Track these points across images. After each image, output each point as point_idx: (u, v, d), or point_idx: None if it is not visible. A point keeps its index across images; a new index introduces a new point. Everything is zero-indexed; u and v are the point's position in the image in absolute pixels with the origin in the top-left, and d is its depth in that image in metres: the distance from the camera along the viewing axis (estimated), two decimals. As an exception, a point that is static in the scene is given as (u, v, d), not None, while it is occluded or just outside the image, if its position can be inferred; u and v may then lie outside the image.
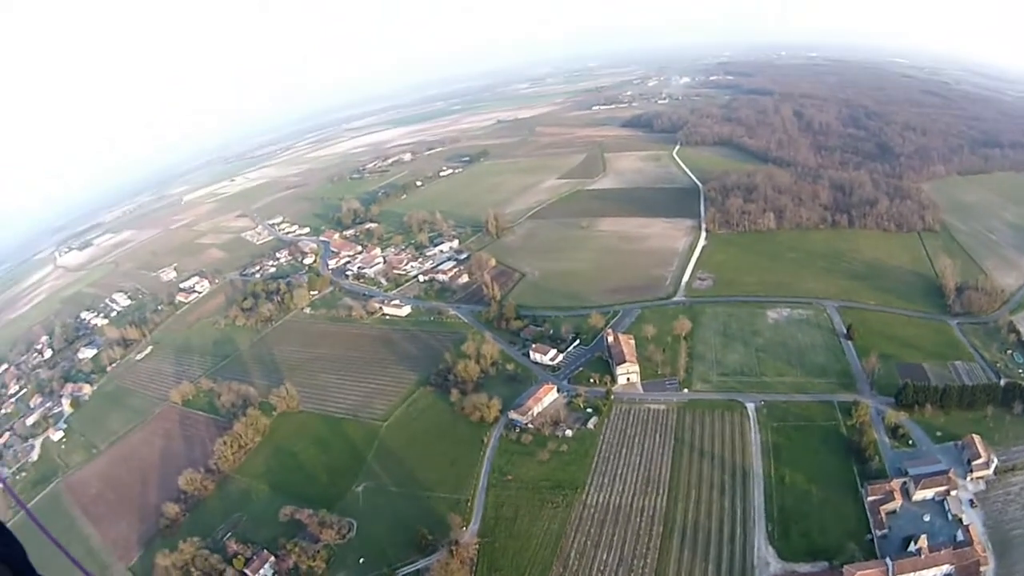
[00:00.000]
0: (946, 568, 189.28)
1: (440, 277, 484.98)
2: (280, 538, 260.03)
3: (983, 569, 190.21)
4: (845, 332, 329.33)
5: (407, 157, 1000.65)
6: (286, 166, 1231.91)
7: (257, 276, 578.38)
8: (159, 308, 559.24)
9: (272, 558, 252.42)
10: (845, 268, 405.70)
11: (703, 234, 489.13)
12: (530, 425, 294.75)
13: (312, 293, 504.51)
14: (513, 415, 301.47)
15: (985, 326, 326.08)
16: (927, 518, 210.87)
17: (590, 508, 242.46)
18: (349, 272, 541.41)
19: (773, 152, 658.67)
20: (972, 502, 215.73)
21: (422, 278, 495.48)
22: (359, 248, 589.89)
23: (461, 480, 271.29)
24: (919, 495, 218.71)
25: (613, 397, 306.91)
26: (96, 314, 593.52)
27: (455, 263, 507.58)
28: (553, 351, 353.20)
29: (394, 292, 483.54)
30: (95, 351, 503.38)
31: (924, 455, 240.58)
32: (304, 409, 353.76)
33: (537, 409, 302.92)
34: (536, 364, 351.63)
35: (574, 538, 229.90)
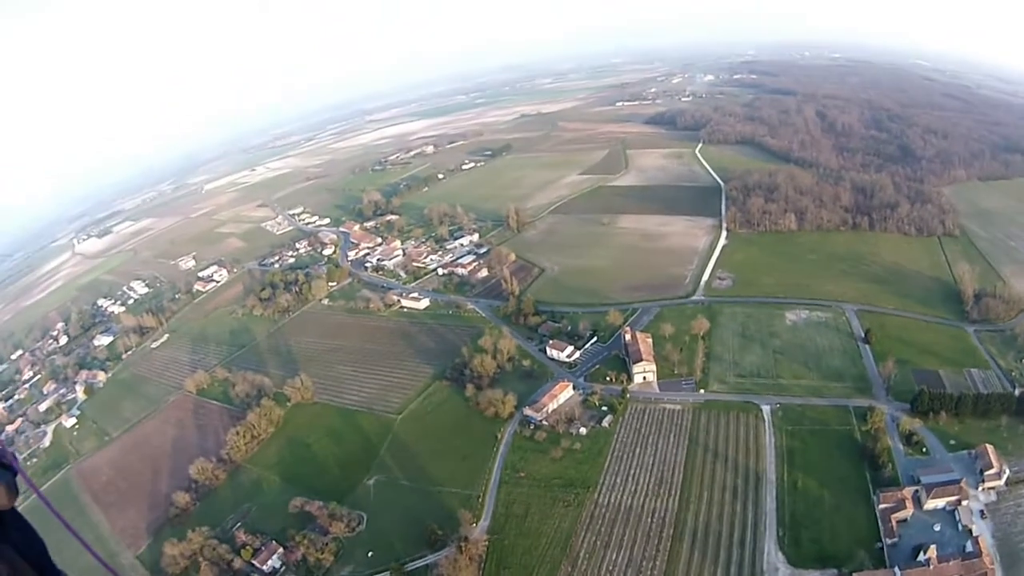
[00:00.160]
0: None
1: (459, 271, 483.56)
2: (289, 529, 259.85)
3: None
4: (863, 336, 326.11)
5: (429, 150, 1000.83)
6: (308, 156, 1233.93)
7: (276, 266, 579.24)
8: (176, 296, 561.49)
9: (280, 549, 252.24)
10: (865, 271, 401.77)
11: (724, 233, 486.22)
12: (544, 422, 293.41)
13: (330, 284, 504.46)
14: (528, 411, 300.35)
15: (1002, 334, 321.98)
16: (937, 528, 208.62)
17: (601, 508, 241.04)
18: (368, 264, 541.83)
19: (795, 152, 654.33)
20: (983, 513, 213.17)
21: (441, 271, 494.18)
22: (379, 240, 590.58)
23: (473, 476, 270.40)
24: (930, 504, 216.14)
25: (629, 396, 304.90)
26: (113, 302, 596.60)
27: (475, 257, 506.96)
28: (570, 348, 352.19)
29: (413, 285, 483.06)
30: (111, 338, 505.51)
31: (937, 463, 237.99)
32: (319, 400, 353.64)
33: (552, 406, 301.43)
34: (553, 360, 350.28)
35: (584, 537, 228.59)
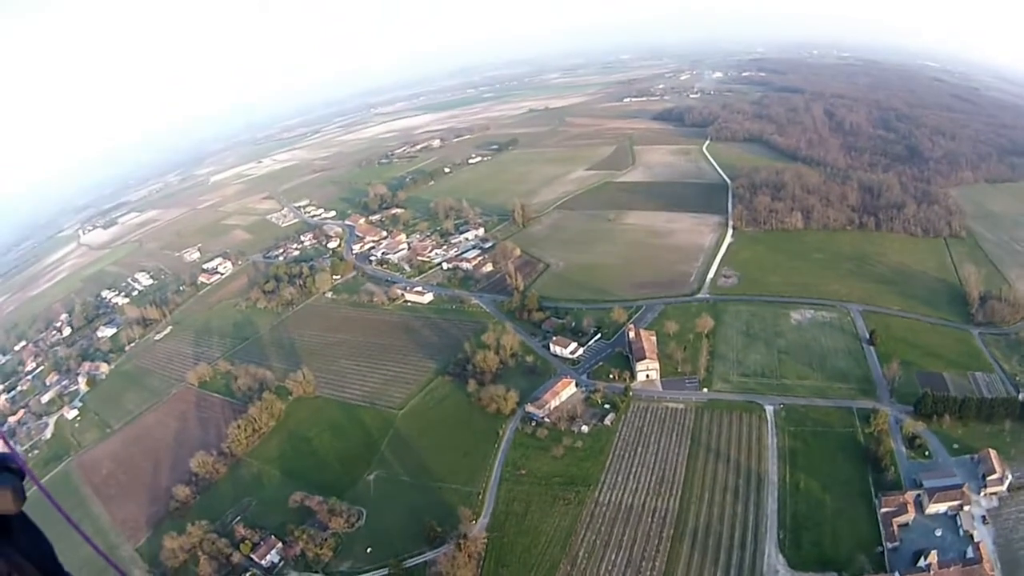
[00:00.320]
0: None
1: (464, 265, 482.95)
2: (289, 524, 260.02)
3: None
4: (868, 337, 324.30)
5: (436, 143, 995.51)
6: (315, 149, 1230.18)
7: (280, 259, 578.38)
8: (181, 288, 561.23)
9: (279, 544, 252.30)
10: (870, 271, 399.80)
11: (730, 231, 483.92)
12: (546, 419, 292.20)
13: (335, 278, 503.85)
14: (530, 408, 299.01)
15: (1007, 337, 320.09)
16: (939, 533, 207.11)
17: (602, 507, 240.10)
18: (373, 257, 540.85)
19: (803, 151, 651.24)
20: (984, 518, 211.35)
21: (446, 265, 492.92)
22: (384, 233, 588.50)
23: (474, 472, 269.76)
24: (932, 508, 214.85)
25: (632, 394, 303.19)
26: (117, 293, 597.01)
27: (480, 251, 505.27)
28: (574, 344, 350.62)
29: (417, 279, 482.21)
30: (114, 330, 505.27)
31: (940, 467, 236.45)
32: (320, 395, 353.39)
33: (554, 403, 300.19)
34: (556, 357, 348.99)
35: (584, 536, 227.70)
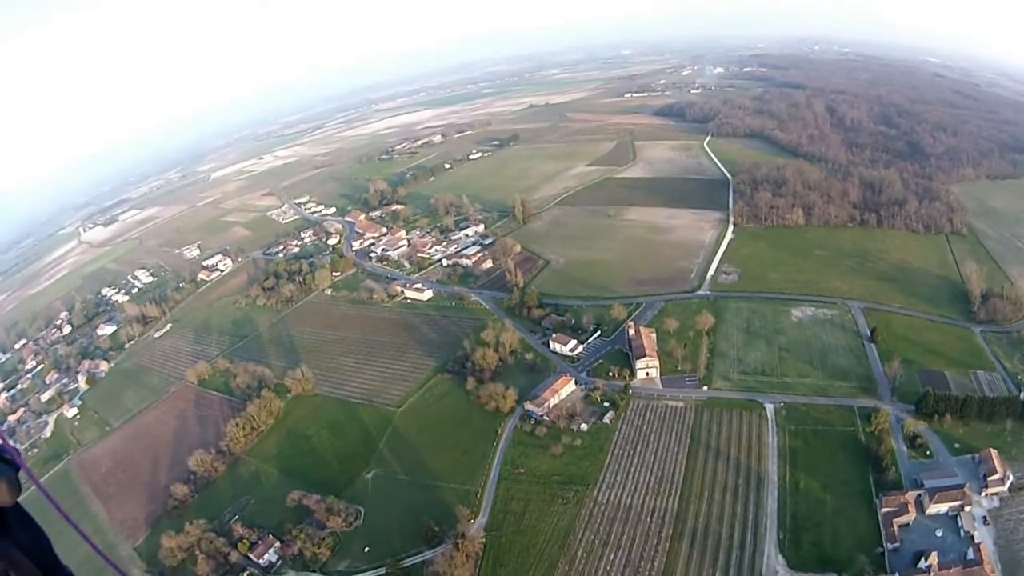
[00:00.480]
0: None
1: (464, 262, 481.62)
2: (287, 523, 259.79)
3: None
4: (869, 335, 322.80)
5: (437, 139, 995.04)
6: (316, 145, 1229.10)
7: (280, 256, 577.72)
8: (180, 286, 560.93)
9: (277, 543, 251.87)
10: (872, 268, 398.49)
11: (730, 227, 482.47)
12: (545, 417, 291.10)
13: (334, 274, 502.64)
14: (529, 406, 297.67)
15: (1008, 335, 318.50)
16: (939, 533, 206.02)
17: (601, 506, 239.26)
18: (373, 254, 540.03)
19: (804, 147, 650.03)
20: (985, 519, 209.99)
21: (446, 262, 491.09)
22: (384, 230, 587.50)
23: (472, 471, 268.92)
24: (933, 509, 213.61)
25: (631, 392, 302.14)
26: (117, 291, 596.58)
27: (480, 248, 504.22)
28: (573, 342, 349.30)
29: (417, 275, 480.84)
30: (114, 328, 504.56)
31: (941, 467, 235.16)
32: (319, 392, 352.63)
33: (553, 401, 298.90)
34: (555, 354, 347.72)
35: (582, 536, 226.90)
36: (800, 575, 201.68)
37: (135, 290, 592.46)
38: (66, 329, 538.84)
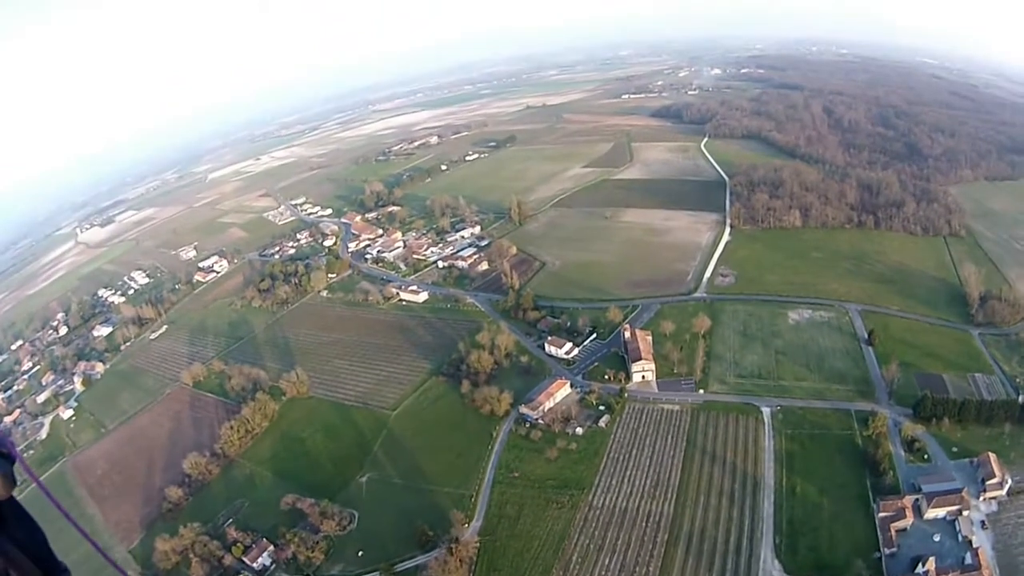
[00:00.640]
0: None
1: (459, 263, 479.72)
2: (280, 527, 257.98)
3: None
4: (866, 337, 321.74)
5: (434, 140, 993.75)
6: (313, 146, 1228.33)
7: (276, 257, 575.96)
8: (176, 287, 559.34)
9: (271, 547, 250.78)
10: (869, 270, 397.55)
11: (727, 229, 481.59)
12: (540, 421, 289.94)
13: (330, 276, 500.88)
14: (524, 410, 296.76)
15: (1007, 338, 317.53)
16: (937, 538, 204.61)
17: (596, 510, 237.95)
18: (368, 256, 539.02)
19: (801, 148, 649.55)
20: (983, 523, 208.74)
21: (441, 264, 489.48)
22: (380, 231, 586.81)
23: (467, 475, 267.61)
24: (931, 513, 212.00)
25: (627, 395, 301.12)
26: (114, 292, 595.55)
27: (475, 250, 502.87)
28: (569, 344, 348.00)
29: (412, 277, 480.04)
30: (110, 329, 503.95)
31: (939, 471, 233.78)
32: (314, 395, 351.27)
33: (549, 404, 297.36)
34: (551, 357, 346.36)
35: (577, 540, 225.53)
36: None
37: (131, 291, 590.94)
38: (62, 330, 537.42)
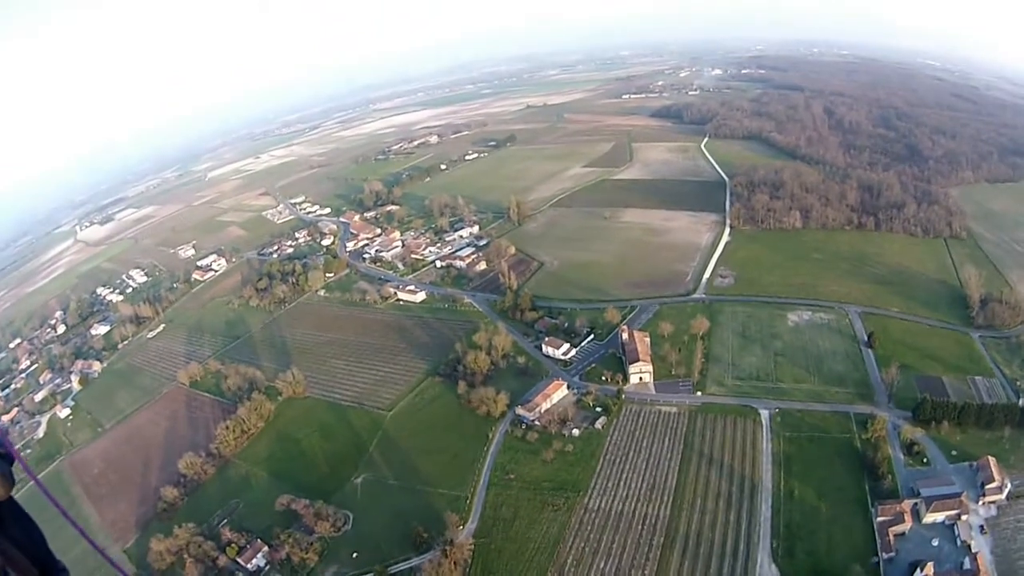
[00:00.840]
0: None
1: (458, 263, 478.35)
2: (275, 528, 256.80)
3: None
4: (866, 339, 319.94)
5: (434, 139, 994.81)
6: (312, 145, 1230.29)
7: (274, 256, 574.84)
8: (175, 286, 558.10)
9: (265, 548, 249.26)
10: (869, 272, 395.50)
11: (727, 230, 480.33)
12: (537, 422, 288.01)
13: (328, 275, 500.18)
14: (520, 411, 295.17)
15: (1008, 341, 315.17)
16: (936, 543, 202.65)
17: (591, 513, 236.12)
18: (367, 255, 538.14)
19: (802, 149, 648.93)
20: (983, 528, 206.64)
21: (439, 264, 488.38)
22: (378, 231, 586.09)
23: (462, 476, 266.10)
24: (929, 518, 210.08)
25: (624, 397, 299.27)
26: (112, 290, 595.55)
27: (474, 249, 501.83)
28: (566, 345, 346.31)
29: (410, 277, 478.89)
30: (108, 328, 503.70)
31: (938, 474, 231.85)
32: (310, 395, 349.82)
33: (545, 406, 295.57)
34: (548, 358, 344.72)
35: (572, 543, 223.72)
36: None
37: (129, 290, 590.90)
38: (60, 329, 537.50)
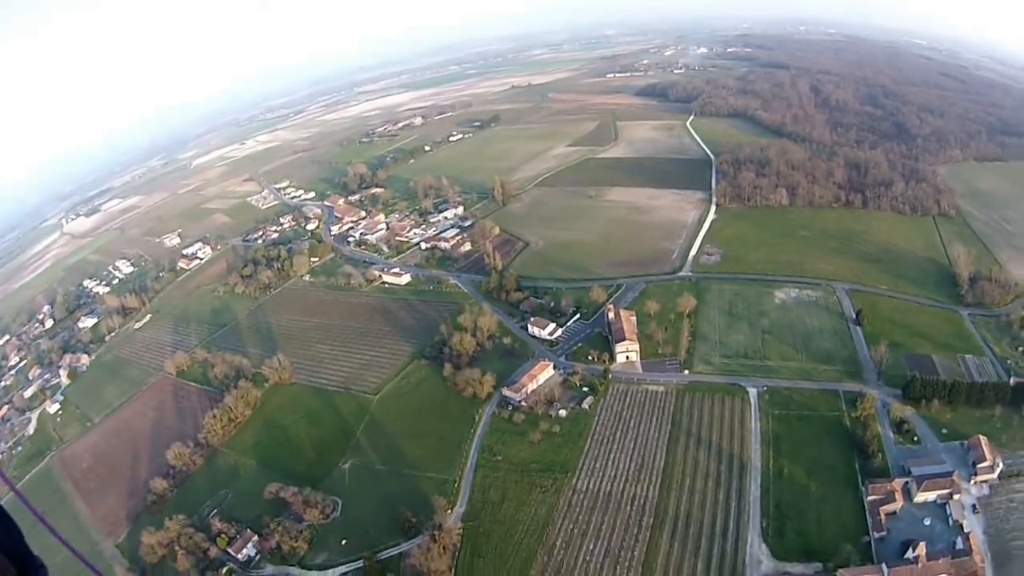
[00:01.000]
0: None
1: (442, 245, 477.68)
2: (264, 516, 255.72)
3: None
4: (854, 317, 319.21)
5: (418, 121, 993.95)
6: (297, 129, 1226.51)
7: (259, 242, 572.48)
8: (160, 275, 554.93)
9: (255, 537, 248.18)
10: (857, 250, 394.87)
11: (713, 208, 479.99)
12: (523, 403, 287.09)
13: (313, 260, 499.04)
14: (506, 392, 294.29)
15: (997, 319, 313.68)
16: (927, 522, 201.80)
17: (579, 494, 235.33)
18: (351, 238, 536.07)
19: (788, 127, 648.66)
20: (975, 507, 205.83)
21: (424, 245, 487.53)
22: (363, 214, 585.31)
23: (450, 459, 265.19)
24: (921, 497, 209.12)
25: (611, 376, 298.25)
26: (98, 282, 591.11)
27: (458, 231, 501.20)
28: (552, 325, 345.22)
29: (395, 259, 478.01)
30: (95, 320, 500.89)
31: (928, 453, 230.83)
32: (296, 381, 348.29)
33: (531, 386, 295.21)
34: (534, 338, 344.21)
35: (561, 525, 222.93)
36: (784, 564, 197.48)
37: (116, 281, 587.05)
38: (48, 323, 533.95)
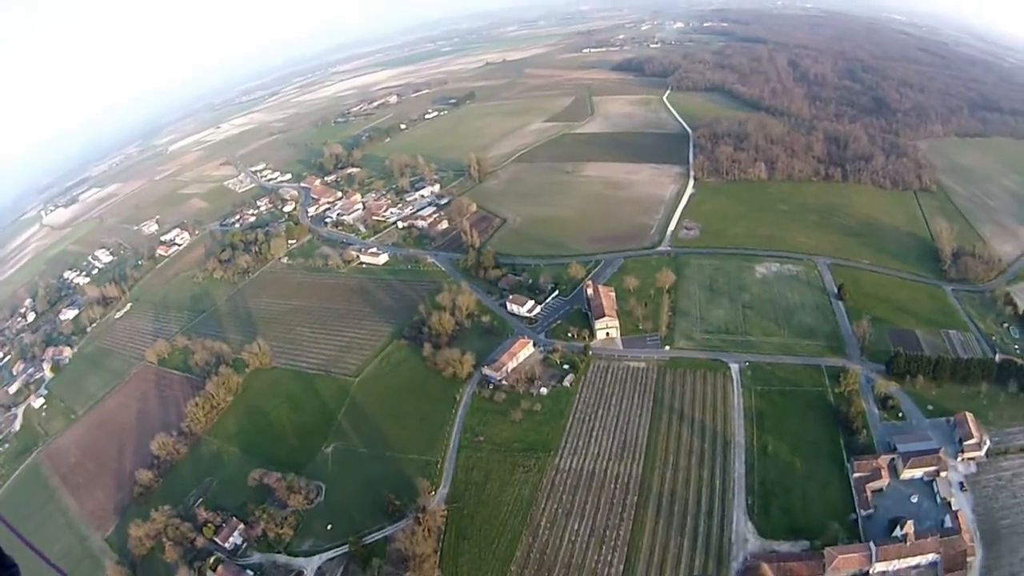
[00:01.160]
0: (932, 556, 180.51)
1: (419, 223, 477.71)
2: (249, 504, 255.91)
3: (970, 560, 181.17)
4: (836, 292, 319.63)
5: (393, 100, 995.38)
6: (272, 111, 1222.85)
7: (237, 226, 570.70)
8: (139, 263, 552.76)
9: (241, 525, 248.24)
10: (838, 223, 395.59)
11: (691, 182, 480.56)
12: (504, 382, 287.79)
13: (290, 242, 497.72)
14: (487, 371, 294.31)
15: (981, 295, 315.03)
16: (915, 499, 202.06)
17: (563, 473, 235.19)
18: (328, 219, 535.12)
19: (766, 101, 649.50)
20: (962, 485, 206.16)
21: (401, 225, 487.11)
22: (339, 194, 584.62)
23: (432, 441, 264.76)
24: (907, 474, 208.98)
25: (591, 353, 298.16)
26: (79, 273, 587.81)
27: (435, 209, 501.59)
28: (531, 303, 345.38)
29: (372, 239, 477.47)
30: (76, 312, 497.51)
31: (914, 430, 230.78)
32: (277, 365, 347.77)
33: (512, 365, 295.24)
34: (513, 316, 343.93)
35: (545, 505, 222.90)
36: (770, 542, 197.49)
37: (95, 271, 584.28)
38: (31, 316, 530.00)
